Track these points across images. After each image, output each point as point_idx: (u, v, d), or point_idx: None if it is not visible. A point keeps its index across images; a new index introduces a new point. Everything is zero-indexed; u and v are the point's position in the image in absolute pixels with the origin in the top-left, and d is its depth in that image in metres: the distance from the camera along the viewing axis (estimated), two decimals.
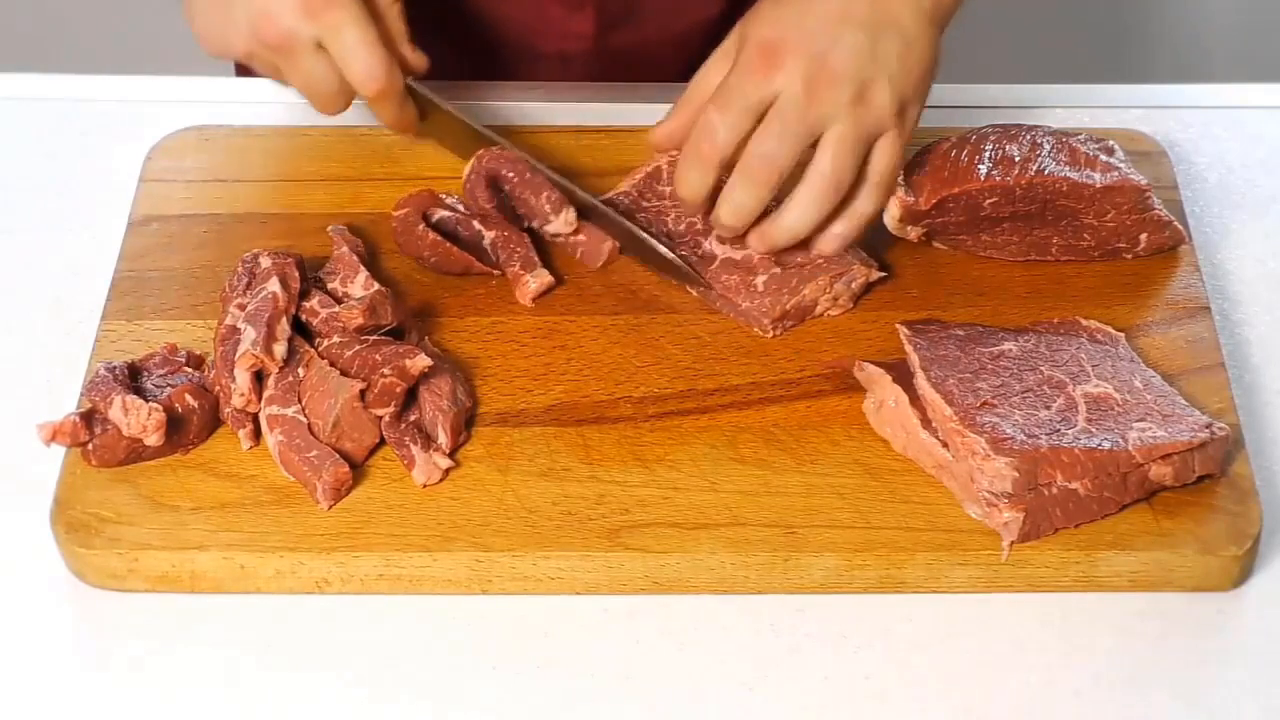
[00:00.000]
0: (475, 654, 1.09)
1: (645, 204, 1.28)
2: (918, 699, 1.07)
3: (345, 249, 1.23)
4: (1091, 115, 1.39)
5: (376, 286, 1.20)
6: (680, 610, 1.10)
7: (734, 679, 1.08)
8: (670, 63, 1.51)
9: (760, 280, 1.22)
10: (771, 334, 1.22)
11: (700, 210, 1.24)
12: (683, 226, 1.26)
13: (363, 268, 1.21)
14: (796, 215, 1.20)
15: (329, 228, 1.25)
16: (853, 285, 1.22)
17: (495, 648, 1.09)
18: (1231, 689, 1.08)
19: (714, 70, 1.23)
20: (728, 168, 1.20)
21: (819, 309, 1.23)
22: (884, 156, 1.20)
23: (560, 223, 1.24)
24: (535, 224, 1.26)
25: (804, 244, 1.23)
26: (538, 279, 1.23)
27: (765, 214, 1.21)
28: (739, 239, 1.23)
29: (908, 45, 1.19)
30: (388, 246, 1.27)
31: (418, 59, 1.30)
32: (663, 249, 1.23)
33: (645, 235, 1.24)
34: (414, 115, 1.30)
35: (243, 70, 1.54)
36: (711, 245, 1.24)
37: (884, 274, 1.24)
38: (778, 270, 1.22)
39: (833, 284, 1.22)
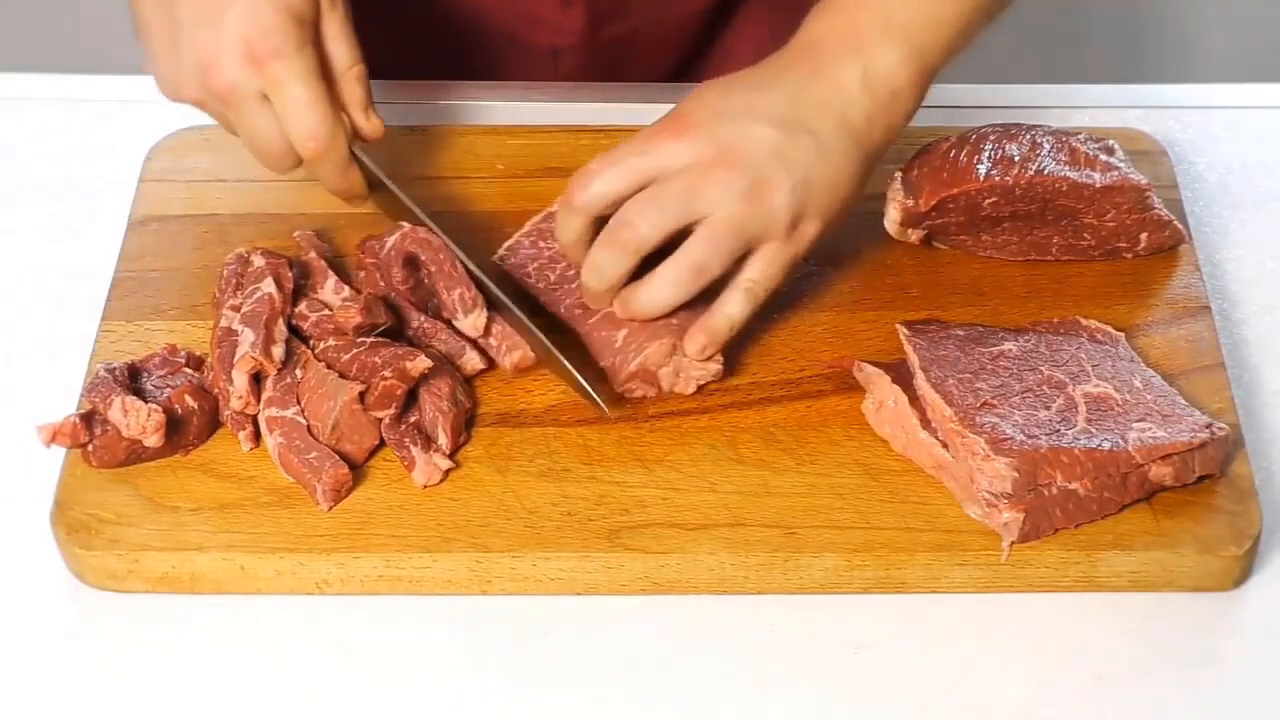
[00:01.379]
0: (475, 654, 1.09)
1: (543, 246, 1.23)
2: (918, 699, 1.07)
3: (313, 254, 1.23)
4: (1091, 115, 1.39)
5: (347, 290, 1.20)
6: (680, 610, 1.10)
7: (734, 679, 1.08)
8: (660, 57, 1.51)
9: (620, 335, 1.18)
10: (625, 394, 1.18)
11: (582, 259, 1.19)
12: (572, 272, 1.21)
13: (332, 273, 1.21)
14: (655, 292, 1.15)
15: (295, 232, 1.25)
16: (692, 372, 1.17)
17: (495, 648, 1.09)
18: (1231, 689, 1.08)
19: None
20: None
21: (665, 383, 1.17)
22: (760, 265, 1.15)
23: (468, 324, 1.18)
24: (445, 316, 1.20)
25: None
26: (470, 362, 1.19)
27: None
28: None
29: (823, 157, 1.14)
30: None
31: (372, 126, 1.23)
32: (571, 369, 1.16)
33: (557, 352, 1.17)
34: (360, 183, 1.23)
35: None
36: None
37: (720, 367, 1.17)
38: (636, 325, 1.18)
39: (675, 352, 1.17)
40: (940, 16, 1.17)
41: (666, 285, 1.15)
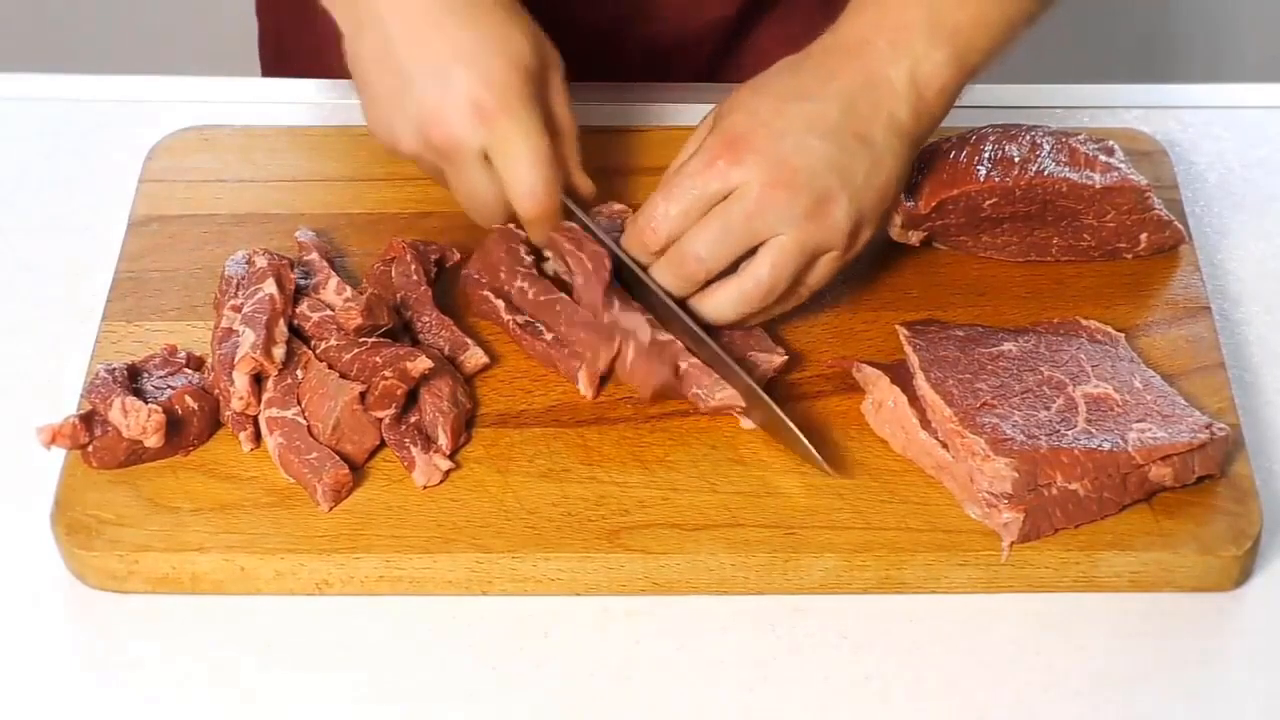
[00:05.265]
0: (475, 654, 1.09)
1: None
2: (918, 699, 1.07)
3: (315, 255, 1.23)
4: (1091, 115, 1.39)
5: (349, 291, 1.20)
6: (680, 610, 1.10)
7: (734, 679, 1.08)
8: (688, 61, 1.50)
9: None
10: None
11: None
12: None
13: (334, 273, 1.21)
14: (720, 307, 1.17)
15: (296, 232, 1.25)
16: (752, 372, 1.18)
17: (495, 648, 1.09)
18: (1231, 689, 1.08)
19: (689, 150, 1.19)
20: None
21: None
22: (820, 274, 1.17)
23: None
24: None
25: None
26: (473, 358, 1.19)
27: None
28: None
29: (876, 163, 1.15)
30: (378, 248, 1.26)
31: (586, 185, 1.23)
32: (797, 430, 1.14)
33: (781, 412, 1.14)
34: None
35: (268, 68, 1.54)
36: None
37: (785, 357, 1.19)
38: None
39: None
40: (987, 18, 1.17)
41: (732, 303, 1.17)
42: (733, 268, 1.17)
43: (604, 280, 1.17)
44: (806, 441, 1.13)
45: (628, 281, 1.19)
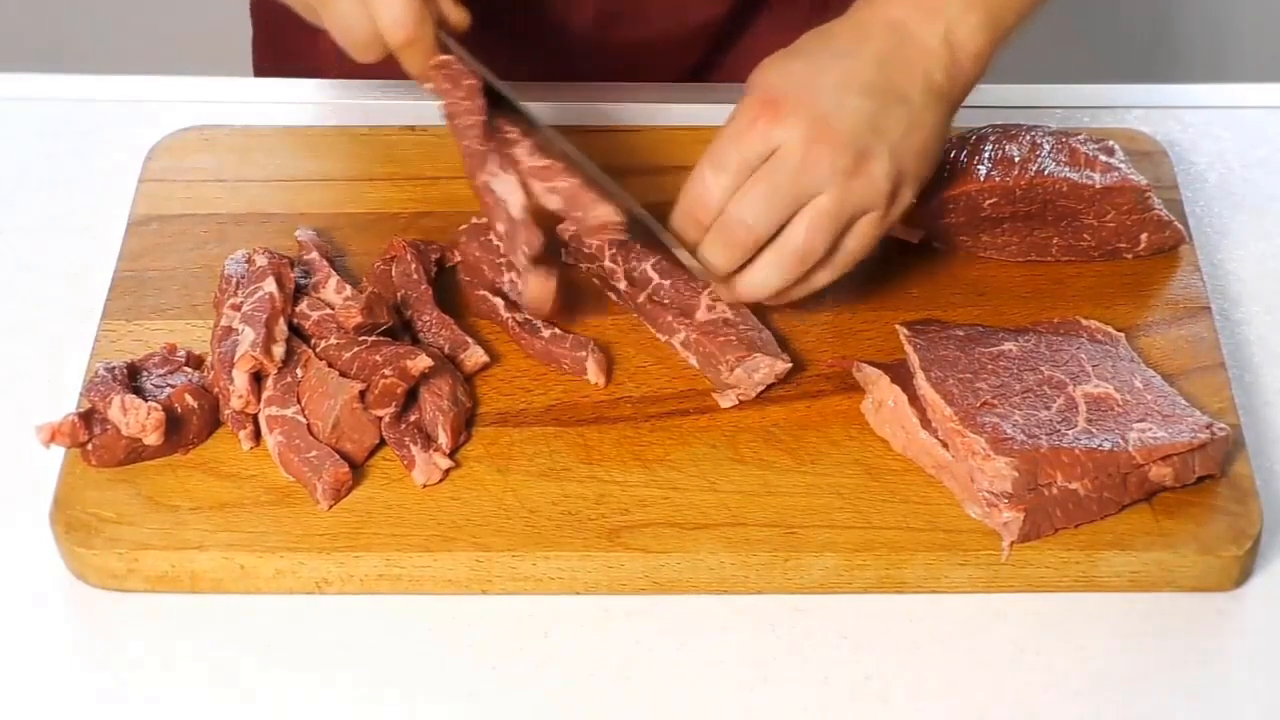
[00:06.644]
0: (475, 654, 1.09)
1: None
2: (918, 699, 1.07)
3: (315, 254, 1.23)
4: (1091, 115, 1.39)
5: (349, 289, 1.20)
6: (680, 610, 1.10)
7: (734, 679, 1.08)
8: (674, 61, 1.51)
9: (676, 340, 1.20)
10: None
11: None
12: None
13: (334, 272, 1.21)
14: (759, 279, 1.16)
15: (296, 232, 1.25)
16: (754, 376, 1.18)
17: (495, 648, 1.09)
18: (1231, 689, 1.08)
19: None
20: None
21: (739, 388, 1.18)
22: (859, 238, 1.16)
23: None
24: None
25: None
26: (473, 357, 1.19)
27: None
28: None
29: (914, 122, 1.14)
30: (378, 248, 1.26)
31: (458, 16, 1.24)
32: (657, 226, 1.18)
33: (642, 210, 1.18)
34: None
35: (261, 69, 1.54)
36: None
37: (789, 365, 1.18)
38: (692, 336, 1.19)
39: (731, 369, 1.18)
40: None
41: (771, 273, 1.16)
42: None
43: (480, 109, 1.19)
44: (690, 258, 1.16)
45: (504, 105, 1.21)
